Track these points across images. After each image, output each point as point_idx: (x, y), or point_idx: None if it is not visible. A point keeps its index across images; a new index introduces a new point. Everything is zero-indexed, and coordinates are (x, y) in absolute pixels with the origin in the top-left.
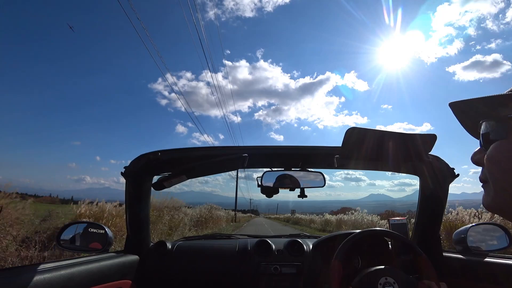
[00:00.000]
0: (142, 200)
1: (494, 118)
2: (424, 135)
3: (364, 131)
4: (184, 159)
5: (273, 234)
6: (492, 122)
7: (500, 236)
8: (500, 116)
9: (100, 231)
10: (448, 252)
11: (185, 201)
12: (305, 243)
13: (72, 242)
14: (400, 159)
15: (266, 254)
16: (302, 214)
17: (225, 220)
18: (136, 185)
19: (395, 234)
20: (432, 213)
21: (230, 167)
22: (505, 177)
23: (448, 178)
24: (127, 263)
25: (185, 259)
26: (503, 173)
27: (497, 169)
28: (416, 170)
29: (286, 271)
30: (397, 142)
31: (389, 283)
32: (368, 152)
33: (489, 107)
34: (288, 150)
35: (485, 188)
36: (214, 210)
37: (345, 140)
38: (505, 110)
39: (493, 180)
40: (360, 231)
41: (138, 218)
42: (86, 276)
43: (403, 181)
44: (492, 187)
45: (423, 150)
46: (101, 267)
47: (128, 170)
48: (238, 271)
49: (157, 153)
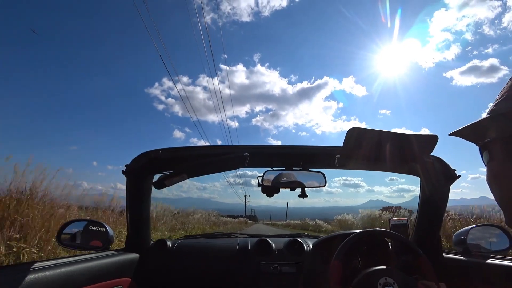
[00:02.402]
0: (143, 199)
1: (479, 144)
2: (425, 135)
3: (365, 131)
4: (185, 157)
5: (273, 234)
6: (480, 147)
7: (500, 237)
8: (483, 141)
9: (100, 229)
10: (448, 253)
11: (182, 207)
12: (305, 242)
13: (72, 239)
14: (401, 159)
15: (266, 253)
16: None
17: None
18: (137, 184)
19: (395, 235)
20: (433, 214)
21: (231, 166)
22: (501, 195)
23: (449, 179)
24: (127, 261)
25: (185, 258)
26: (500, 192)
27: (493, 191)
28: (417, 171)
29: (286, 271)
30: (398, 143)
31: (389, 283)
32: (369, 152)
33: (474, 134)
34: (289, 149)
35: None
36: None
37: (346, 140)
38: (486, 134)
39: (497, 200)
40: (360, 231)
41: (138, 216)
42: (86, 273)
43: (401, 187)
44: (501, 207)
45: (424, 151)
46: (101, 265)
47: (129, 168)
48: (238, 270)
49: (158, 151)
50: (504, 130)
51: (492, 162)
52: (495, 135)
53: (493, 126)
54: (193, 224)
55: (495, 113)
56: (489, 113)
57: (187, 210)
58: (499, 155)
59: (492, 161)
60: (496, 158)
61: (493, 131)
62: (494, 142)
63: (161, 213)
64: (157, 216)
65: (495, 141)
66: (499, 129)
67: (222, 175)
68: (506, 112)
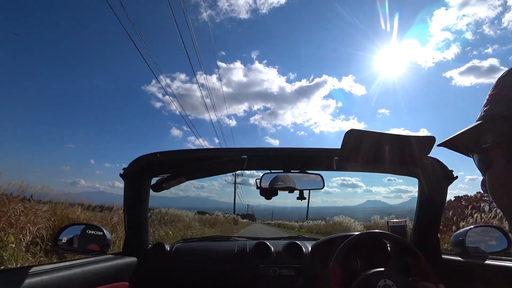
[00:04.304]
0: (141, 202)
1: (475, 150)
2: (423, 137)
3: (363, 133)
4: (183, 160)
5: (272, 236)
6: (476, 155)
7: (498, 238)
8: (479, 147)
9: (98, 232)
10: (446, 254)
11: (181, 206)
12: (303, 245)
13: (70, 244)
14: (399, 161)
15: (265, 256)
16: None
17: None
18: (134, 187)
19: (393, 236)
20: (431, 215)
21: (229, 168)
22: (502, 203)
23: (447, 180)
24: (125, 265)
25: (184, 261)
26: (502, 200)
27: (495, 199)
28: (415, 172)
29: (285, 273)
30: (396, 145)
31: (388, 285)
32: (367, 154)
33: (469, 140)
34: (287, 152)
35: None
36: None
37: (344, 142)
38: (481, 140)
39: (499, 208)
40: (359, 233)
41: (136, 219)
42: (83, 278)
43: (399, 188)
44: (504, 215)
45: (422, 152)
46: (99, 269)
47: (127, 172)
48: (237, 273)
49: (156, 154)
50: (506, 133)
51: (494, 168)
52: (494, 139)
53: (493, 130)
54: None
55: (495, 116)
56: (484, 117)
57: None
58: (501, 161)
59: (493, 167)
60: (499, 164)
61: (491, 136)
62: (494, 146)
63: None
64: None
65: (495, 146)
66: (499, 132)
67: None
68: (507, 114)
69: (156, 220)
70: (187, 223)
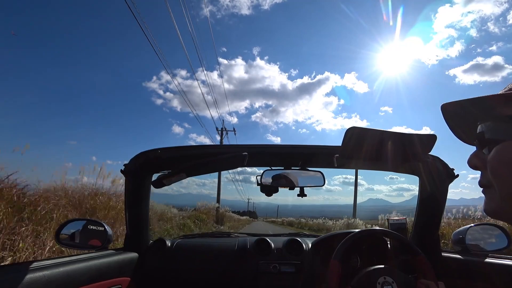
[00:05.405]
0: (142, 198)
1: (498, 118)
2: (424, 135)
3: (364, 131)
4: (184, 157)
5: (273, 233)
6: (495, 123)
7: (499, 236)
8: (505, 115)
9: (99, 228)
10: (447, 252)
11: (182, 203)
12: (304, 242)
13: (71, 239)
14: (400, 159)
15: (265, 253)
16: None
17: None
18: (135, 183)
19: (394, 234)
20: (431, 213)
21: (230, 165)
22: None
23: (447, 178)
24: (126, 260)
25: (184, 257)
26: (510, 177)
27: (508, 172)
28: (416, 170)
29: (285, 270)
30: (397, 142)
31: (388, 282)
32: (368, 152)
33: (488, 108)
34: (288, 149)
35: (487, 194)
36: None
37: (345, 140)
38: (507, 109)
39: (501, 183)
40: (359, 231)
41: (137, 215)
42: (85, 273)
43: (401, 186)
44: (499, 191)
45: (423, 150)
46: (100, 264)
47: (128, 168)
48: (237, 270)
49: (157, 150)
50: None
51: (507, 142)
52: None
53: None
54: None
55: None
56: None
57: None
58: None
59: (506, 141)
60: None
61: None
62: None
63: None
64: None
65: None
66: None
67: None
68: None
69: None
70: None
